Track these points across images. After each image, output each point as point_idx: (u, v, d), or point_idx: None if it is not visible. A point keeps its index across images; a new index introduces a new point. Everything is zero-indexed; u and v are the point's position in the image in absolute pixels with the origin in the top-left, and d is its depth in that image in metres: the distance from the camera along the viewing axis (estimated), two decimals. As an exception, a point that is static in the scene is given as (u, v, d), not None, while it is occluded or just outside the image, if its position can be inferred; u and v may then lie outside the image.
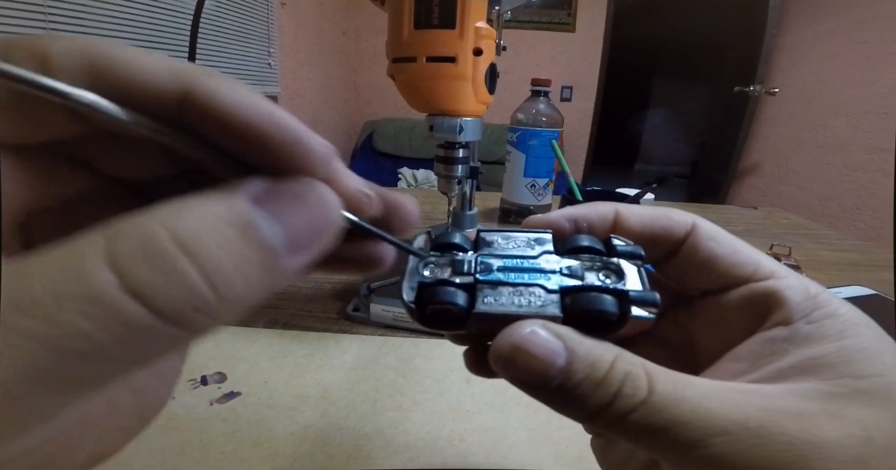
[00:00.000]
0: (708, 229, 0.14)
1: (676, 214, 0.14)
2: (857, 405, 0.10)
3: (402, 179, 2.32)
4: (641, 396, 0.10)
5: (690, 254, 0.14)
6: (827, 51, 1.91)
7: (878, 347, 0.11)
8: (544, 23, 2.57)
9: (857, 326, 0.12)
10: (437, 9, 0.31)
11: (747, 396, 0.11)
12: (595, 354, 0.11)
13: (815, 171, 1.96)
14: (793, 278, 0.13)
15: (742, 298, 0.13)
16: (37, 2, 0.82)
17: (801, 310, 0.12)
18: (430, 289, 0.12)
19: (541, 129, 0.61)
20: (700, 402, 0.10)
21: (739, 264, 0.13)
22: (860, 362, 0.11)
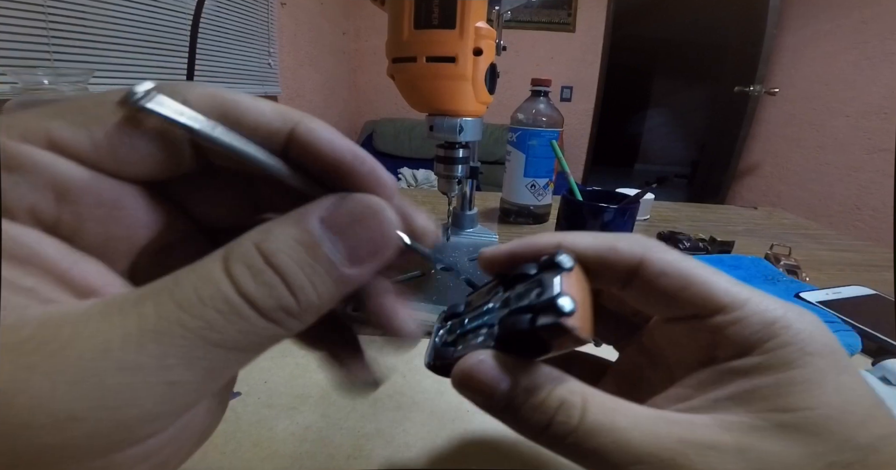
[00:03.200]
0: (658, 264, 0.14)
1: (624, 246, 0.14)
2: (772, 440, 0.11)
3: (402, 179, 2.32)
4: (573, 424, 0.11)
5: (642, 286, 0.14)
6: (827, 51, 1.91)
7: (820, 380, 0.12)
8: (544, 23, 2.57)
9: (808, 355, 0.12)
10: (437, 9, 0.31)
11: (671, 426, 0.12)
12: (534, 382, 0.12)
13: (815, 171, 1.96)
14: (748, 308, 0.13)
15: (695, 330, 0.14)
16: (37, 2, 0.82)
17: (751, 342, 0.12)
18: (437, 350, 0.15)
19: (541, 129, 0.61)
20: (624, 432, 0.11)
21: (691, 299, 0.13)
22: (795, 395, 0.11)
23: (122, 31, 1.02)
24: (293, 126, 0.11)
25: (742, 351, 0.13)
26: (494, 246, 0.15)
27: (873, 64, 1.69)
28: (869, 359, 0.32)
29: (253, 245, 0.09)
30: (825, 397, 0.11)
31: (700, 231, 0.60)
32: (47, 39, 0.85)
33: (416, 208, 0.13)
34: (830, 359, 0.12)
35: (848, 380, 0.12)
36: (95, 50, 0.96)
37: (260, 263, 0.09)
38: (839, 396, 0.11)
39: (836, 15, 1.86)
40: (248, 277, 0.09)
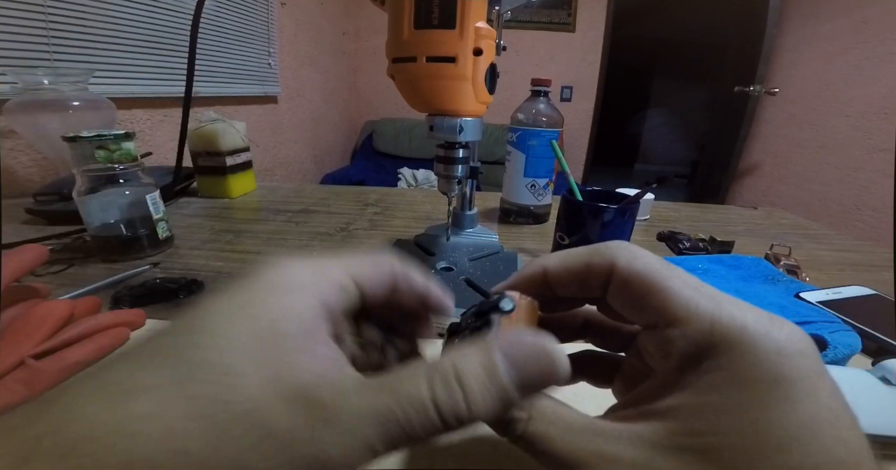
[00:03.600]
0: (623, 274, 0.15)
1: (598, 259, 0.16)
2: (667, 459, 0.12)
3: (402, 179, 2.32)
4: (520, 430, 0.14)
5: (614, 295, 0.16)
6: (827, 51, 1.91)
7: (736, 407, 0.12)
8: (544, 23, 2.57)
9: (736, 382, 0.12)
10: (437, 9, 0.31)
11: (591, 437, 0.13)
12: None
13: (815, 171, 1.96)
14: (695, 325, 0.13)
15: (654, 340, 0.15)
16: (37, 2, 0.82)
17: (690, 358, 0.13)
18: None
19: (541, 129, 0.61)
20: (552, 441, 0.13)
21: (651, 309, 0.14)
22: (707, 419, 0.12)
23: (122, 31, 1.02)
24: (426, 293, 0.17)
25: (682, 366, 0.13)
26: (502, 284, 0.18)
27: (873, 64, 1.69)
28: (869, 359, 0.32)
29: (450, 363, 0.12)
30: (739, 424, 0.12)
31: (700, 231, 0.60)
32: (47, 39, 0.85)
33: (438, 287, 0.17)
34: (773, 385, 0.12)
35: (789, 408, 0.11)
36: (95, 50, 0.96)
37: (452, 379, 0.12)
38: (752, 426, 0.11)
39: (836, 15, 1.86)
40: (442, 388, 0.12)
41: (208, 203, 0.72)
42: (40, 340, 0.28)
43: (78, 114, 0.64)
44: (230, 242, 0.55)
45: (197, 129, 0.71)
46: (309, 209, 0.71)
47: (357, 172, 2.25)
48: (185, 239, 0.54)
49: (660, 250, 0.57)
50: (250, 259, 0.49)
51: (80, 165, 0.44)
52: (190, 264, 0.47)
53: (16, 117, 0.63)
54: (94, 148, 0.43)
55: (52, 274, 0.42)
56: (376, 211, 0.72)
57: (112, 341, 0.31)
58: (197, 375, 0.11)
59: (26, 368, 0.26)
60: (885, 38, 1.64)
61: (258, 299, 0.12)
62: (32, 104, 0.63)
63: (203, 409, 0.10)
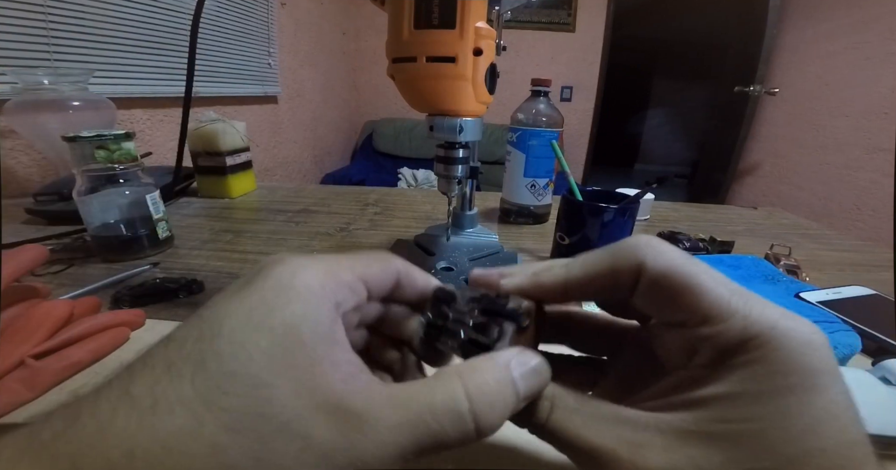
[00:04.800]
0: (653, 273, 0.14)
1: (623, 261, 0.15)
2: (697, 444, 0.13)
3: (402, 179, 2.32)
4: (543, 420, 0.15)
5: (644, 293, 0.15)
6: (827, 51, 1.91)
7: (768, 396, 0.12)
8: (544, 23, 2.57)
9: (769, 374, 0.13)
10: (437, 9, 0.31)
11: (617, 425, 0.14)
12: None
13: (815, 171, 1.96)
14: (731, 323, 0.13)
15: (681, 335, 0.15)
16: (37, 2, 0.82)
17: (723, 353, 0.13)
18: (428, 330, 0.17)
19: (541, 129, 0.61)
20: (577, 429, 0.14)
21: (680, 309, 0.14)
22: (740, 408, 0.13)
23: (122, 31, 1.02)
24: (431, 281, 0.18)
25: (713, 361, 0.14)
26: (509, 280, 0.18)
27: (873, 64, 1.69)
28: (869, 359, 0.32)
29: (459, 381, 0.13)
30: (757, 413, 0.12)
31: (700, 231, 0.60)
32: (47, 39, 0.85)
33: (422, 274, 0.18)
34: (794, 378, 0.12)
35: (808, 399, 0.12)
36: (95, 50, 0.96)
37: (464, 402, 0.13)
38: (779, 414, 0.12)
39: (836, 15, 1.86)
40: (479, 404, 0.13)
41: (208, 203, 0.72)
42: (40, 340, 0.28)
43: (78, 114, 0.64)
44: (230, 242, 0.55)
45: (197, 129, 0.71)
46: (309, 209, 0.71)
47: (357, 172, 2.25)
48: (185, 239, 0.54)
49: (660, 250, 0.57)
50: (250, 259, 0.49)
51: (80, 165, 0.44)
52: (190, 264, 0.47)
53: (16, 117, 0.63)
54: (94, 148, 0.43)
55: (52, 274, 0.42)
56: (376, 211, 0.72)
57: (112, 341, 0.31)
58: (227, 388, 0.11)
59: (26, 367, 0.26)
60: (885, 38, 1.64)
61: (273, 304, 0.12)
62: (32, 104, 0.63)
63: (241, 422, 0.10)
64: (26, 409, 0.25)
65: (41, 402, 0.26)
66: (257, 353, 0.11)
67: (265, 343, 0.11)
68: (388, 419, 0.12)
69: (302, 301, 0.12)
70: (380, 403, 0.12)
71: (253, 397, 0.11)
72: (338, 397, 0.12)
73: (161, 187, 0.51)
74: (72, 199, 0.45)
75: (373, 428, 0.11)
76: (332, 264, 0.14)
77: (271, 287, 0.13)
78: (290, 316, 0.12)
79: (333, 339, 0.13)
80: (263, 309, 0.12)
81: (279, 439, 0.11)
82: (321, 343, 0.12)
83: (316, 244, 0.55)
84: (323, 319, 0.13)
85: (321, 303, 0.13)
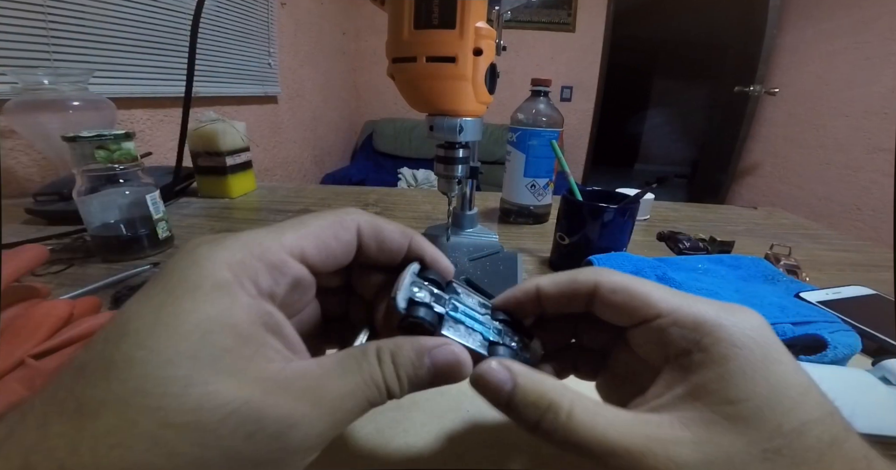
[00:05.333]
0: (608, 285, 0.17)
1: (582, 277, 0.18)
2: (722, 432, 0.13)
3: (402, 179, 2.32)
4: (561, 421, 0.14)
5: (601, 305, 0.18)
6: (827, 51, 1.91)
7: (749, 371, 0.14)
8: (544, 23, 2.57)
9: (737, 349, 0.14)
10: (437, 9, 0.31)
11: (641, 425, 0.14)
12: (531, 385, 0.15)
13: (815, 171, 1.96)
14: (681, 312, 0.16)
15: (649, 334, 0.17)
16: (37, 2, 0.82)
17: (690, 340, 0.15)
18: (417, 306, 0.16)
19: (541, 129, 0.61)
20: (603, 429, 0.14)
21: (636, 309, 0.17)
22: (735, 387, 0.13)
23: (122, 31, 1.02)
24: (410, 239, 0.19)
25: (685, 349, 0.15)
26: (499, 297, 0.20)
27: (873, 64, 1.69)
28: (869, 359, 0.32)
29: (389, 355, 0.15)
30: (756, 388, 0.13)
31: (700, 231, 0.60)
32: (47, 39, 0.85)
33: (440, 254, 0.19)
34: (758, 351, 0.14)
35: (778, 369, 0.14)
36: (95, 50, 0.96)
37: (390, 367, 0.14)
38: (767, 386, 0.13)
39: (836, 15, 1.86)
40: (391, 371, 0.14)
41: (208, 203, 0.72)
42: (40, 340, 0.28)
43: (78, 114, 0.64)
44: (230, 241, 0.55)
45: (197, 129, 0.71)
46: (309, 209, 0.71)
47: (357, 172, 2.25)
48: (185, 239, 0.54)
49: (660, 250, 0.57)
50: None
51: (80, 165, 0.44)
52: (190, 264, 0.47)
53: (16, 117, 0.63)
54: (94, 148, 0.43)
55: (52, 274, 0.42)
56: (376, 211, 0.72)
57: (112, 341, 0.31)
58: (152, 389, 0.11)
59: (26, 367, 0.26)
60: (885, 38, 1.64)
61: (182, 304, 0.12)
62: (32, 104, 0.63)
63: (180, 417, 0.11)
64: (26, 409, 0.25)
65: (41, 402, 0.26)
66: (177, 358, 0.11)
67: (186, 349, 0.11)
68: (336, 391, 0.13)
69: (212, 302, 0.12)
70: (327, 378, 0.13)
71: (188, 395, 0.11)
72: (284, 380, 0.12)
73: (161, 187, 0.51)
74: (72, 199, 0.45)
75: (324, 399, 0.13)
76: (253, 245, 0.14)
77: (178, 283, 0.12)
78: (202, 321, 0.12)
79: (258, 336, 0.13)
80: (172, 310, 0.12)
81: (227, 427, 0.11)
82: (246, 344, 0.12)
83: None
84: (241, 319, 0.12)
85: (234, 298, 0.12)
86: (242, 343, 0.12)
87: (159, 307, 0.12)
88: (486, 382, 0.15)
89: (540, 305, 0.19)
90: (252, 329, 0.13)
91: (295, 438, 0.12)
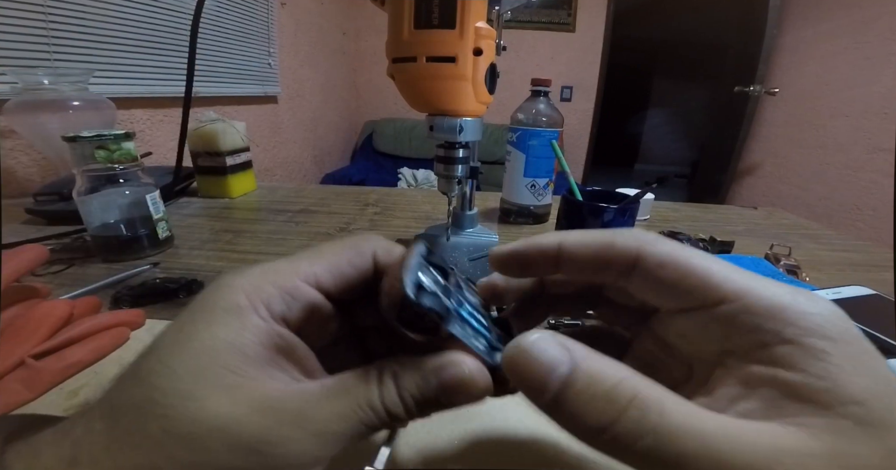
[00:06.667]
0: (655, 256, 0.14)
1: (621, 241, 0.14)
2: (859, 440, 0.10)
3: (402, 179, 2.32)
4: (651, 423, 0.10)
5: (642, 280, 0.14)
6: (827, 51, 1.91)
7: (861, 365, 0.11)
8: (544, 23, 2.57)
9: (835, 342, 0.11)
10: (437, 9, 0.31)
11: (758, 435, 0.10)
12: (599, 369, 0.11)
13: (815, 171, 1.96)
14: (753, 296, 0.12)
15: (704, 322, 0.13)
16: (37, 2, 0.82)
17: (765, 331, 0.12)
18: (424, 293, 0.14)
19: (541, 129, 0.61)
20: (713, 438, 0.10)
21: (692, 290, 0.13)
22: (844, 388, 0.11)
23: (122, 31, 1.02)
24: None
25: (759, 342, 0.12)
26: (501, 246, 0.17)
27: (873, 64, 1.69)
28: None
29: (392, 377, 0.14)
30: (870, 385, 0.11)
31: (700, 231, 0.60)
32: (47, 39, 0.85)
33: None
34: (857, 344, 0.11)
35: (878, 364, 0.11)
36: (95, 50, 0.96)
37: (392, 389, 0.14)
38: (877, 382, 0.11)
39: (836, 15, 1.86)
40: (393, 394, 0.14)
41: (208, 203, 0.72)
42: (40, 340, 0.28)
43: (78, 114, 0.64)
44: (230, 242, 0.55)
45: (197, 129, 0.71)
46: (309, 209, 0.71)
47: (357, 172, 2.25)
48: (185, 239, 0.54)
49: (660, 250, 0.57)
50: (250, 259, 0.49)
51: (80, 165, 0.44)
52: (190, 264, 0.47)
53: (16, 117, 0.63)
54: (94, 148, 0.43)
55: (52, 274, 0.42)
56: (376, 211, 0.72)
57: (112, 341, 0.31)
58: (160, 399, 0.12)
59: (26, 368, 0.26)
60: (885, 38, 1.64)
61: (197, 327, 0.13)
62: (32, 104, 0.63)
63: (177, 427, 0.12)
64: (26, 409, 0.25)
65: (41, 402, 0.26)
66: (183, 371, 0.12)
67: (193, 365, 0.12)
68: (322, 413, 0.13)
69: (223, 323, 0.13)
70: (314, 400, 0.13)
71: (185, 407, 0.12)
72: (273, 400, 0.13)
73: (161, 187, 0.51)
74: (72, 199, 0.45)
75: (309, 421, 0.13)
76: (269, 273, 0.15)
77: (199, 309, 0.14)
78: (211, 340, 0.13)
79: (265, 356, 0.13)
80: (189, 330, 0.13)
81: (213, 439, 0.12)
82: (250, 364, 0.13)
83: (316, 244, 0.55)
84: (249, 340, 0.13)
85: (246, 321, 0.13)
86: (247, 363, 0.13)
87: (180, 328, 0.13)
88: (530, 362, 0.11)
89: (556, 268, 0.16)
90: (259, 350, 0.13)
91: (277, 455, 0.12)
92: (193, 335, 0.13)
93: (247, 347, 0.13)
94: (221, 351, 0.13)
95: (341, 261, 0.16)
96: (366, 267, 0.16)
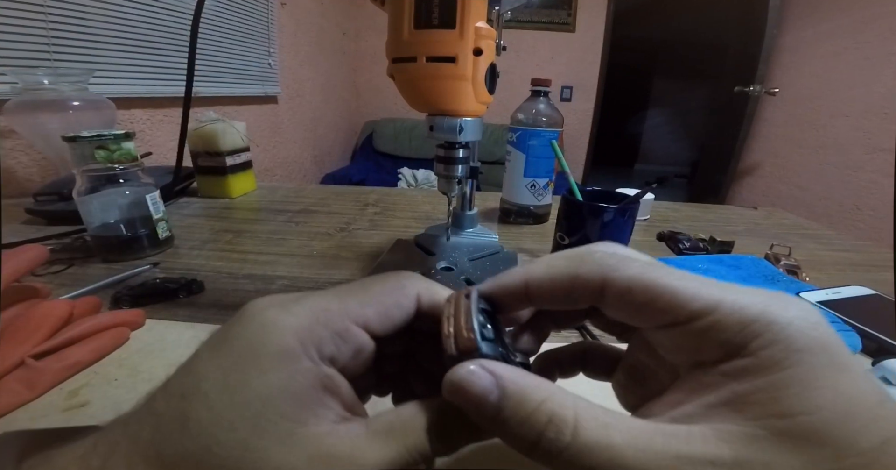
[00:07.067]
0: (621, 281, 0.14)
1: (584, 271, 0.14)
2: (771, 450, 0.11)
3: (402, 179, 2.32)
4: (565, 441, 0.11)
5: (611, 305, 0.14)
6: (827, 51, 1.91)
7: (815, 379, 0.11)
8: (544, 23, 2.57)
9: (798, 352, 0.11)
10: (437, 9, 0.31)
11: (667, 440, 0.11)
12: (523, 394, 0.12)
13: (815, 171, 1.96)
14: (722, 311, 0.12)
15: (680, 337, 0.13)
16: (37, 2, 0.82)
17: (734, 344, 0.12)
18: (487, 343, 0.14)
19: (541, 129, 0.61)
20: (620, 449, 0.11)
21: (662, 311, 0.13)
22: (790, 398, 0.11)
23: (122, 31, 1.02)
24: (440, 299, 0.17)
25: (727, 354, 0.12)
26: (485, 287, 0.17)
27: (873, 64, 1.69)
28: (869, 359, 0.32)
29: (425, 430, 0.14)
30: (821, 400, 0.11)
31: (700, 231, 0.60)
32: (47, 39, 0.85)
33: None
34: (824, 355, 0.11)
35: (847, 378, 0.11)
36: (95, 50, 0.96)
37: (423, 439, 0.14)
38: (837, 398, 0.11)
39: (836, 15, 1.86)
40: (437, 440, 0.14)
41: (208, 203, 0.72)
42: (40, 340, 0.28)
43: (78, 114, 0.64)
44: (230, 242, 0.55)
45: (197, 129, 0.71)
46: (309, 209, 0.71)
47: (357, 172, 2.25)
48: (185, 239, 0.54)
49: (660, 250, 0.57)
50: (250, 259, 0.49)
51: (80, 165, 0.44)
52: (190, 264, 0.47)
53: (16, 117, 0.63)
54: (94, 148, 0.43)
55: (52, 274, 0.42)
56: (376, 211, 0.72)
57: (112, 341, 0.31)
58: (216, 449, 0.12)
59: (26, 368, 0.26)
60: (885, 38, 1.64)
61: (248, 371, 0.13)
62: (32, 104, 0.63)
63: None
64: (26, 409, 0.25)
65: (41, 402, 0.26)
66: (240, 422, 0.12)
67: (248, 414, 0.12)
68: (373, 458, 0.13)
69: (276, 370, 0.13)
70: (365, 446, 0.13)
71: (244, 458, 0.12)
72: (327, 447, 0.13)
73: (161, 187, 0.51)
74: (72, 199, 0.45)
75: (359, 465, 0.13)
76: (319, 311, 0.14)
77: (247, 352, 0.13)
78: (265, 388, 0.13)
79: (315, 399, 0.13)
80: (239, 374, 0.13)
81: None
82: (303, 409, 0.13)
83: (316, 244, 0.55)
84: (301, 385, 0.13)
85: (298, 366, 0.13)
86: (299, 408, 0.13)
87: (228, 372, 0.13)
88: (465, 392, 0.13)
89: (529, 301, 0.16)
90: (310, 392, 0.13)
91: None
92: (246, 383, 0.13)
93: (298, 393, 0.13)
94: (275, 398, 0.12)
95: (389, 303, 0.16)
96: (410, 309, 0.16)
